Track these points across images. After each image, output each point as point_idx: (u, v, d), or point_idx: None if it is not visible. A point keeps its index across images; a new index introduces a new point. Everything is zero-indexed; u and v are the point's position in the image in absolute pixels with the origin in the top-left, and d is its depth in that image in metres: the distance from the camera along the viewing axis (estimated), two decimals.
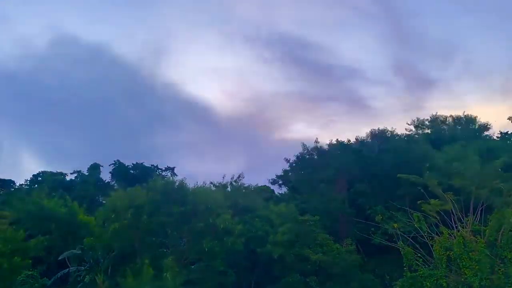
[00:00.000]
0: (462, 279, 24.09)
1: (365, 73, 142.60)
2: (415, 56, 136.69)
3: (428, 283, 24.73)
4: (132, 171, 68.19)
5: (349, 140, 56.32)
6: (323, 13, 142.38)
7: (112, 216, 33.93)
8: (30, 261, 35.17)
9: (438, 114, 65.09)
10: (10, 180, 70.70)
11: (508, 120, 44.94)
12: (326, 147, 56.17)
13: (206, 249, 32.42)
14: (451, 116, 64.04)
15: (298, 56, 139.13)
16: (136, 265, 31.05)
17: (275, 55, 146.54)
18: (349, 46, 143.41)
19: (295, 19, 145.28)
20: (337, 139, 55.81)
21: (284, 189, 63.35)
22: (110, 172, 68.82)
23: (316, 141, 56.38)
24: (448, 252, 25.36)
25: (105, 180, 68.75)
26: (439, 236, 26.97)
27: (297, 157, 56.87)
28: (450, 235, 26.71)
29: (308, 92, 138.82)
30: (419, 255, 27.15)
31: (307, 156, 56.46)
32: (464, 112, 62.95)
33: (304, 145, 56.42)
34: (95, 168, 69.51)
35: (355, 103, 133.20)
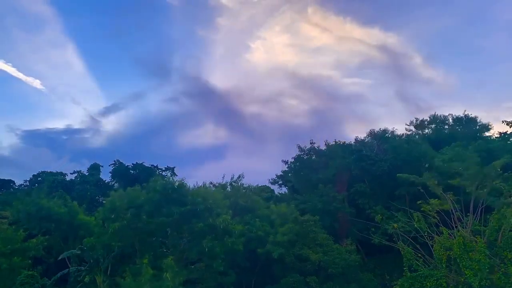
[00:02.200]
0: (462, 279, 24.08)
1: (370, 98, 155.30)
2: (414, 86, 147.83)
3: (428, 283, 24.72)
4: (132, 171, 68.11)
5: (343, 141, 56.21)
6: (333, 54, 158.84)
7: (112, 216, 33.94)
8: (30, 261, 35.19)
9: (437, 114, 65.20)
10: (10, 180, 70.86)
11: (502, 124, 45.21)
12: (323, 147, 56.29)
13: (206, 249, 32.43)
14: (450, 115, 64.25)
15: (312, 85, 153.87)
16: (136, 265, 31.05)
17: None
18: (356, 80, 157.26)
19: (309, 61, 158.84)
20: (337, 139, 55.88)
21: (284, 189, 63.51)
22: (110, 172, 68.81)
23: (312, 142, 56.51)
24: (448, 252, 25.32)
25: (105, 180, 68.76)
26: (439, 236, 26.96)
27: (295, 158, 56.95)
28: (450, 235, 26.67)
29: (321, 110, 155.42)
30: (419, 255, 27.13)
31: (305, 157, 56.52)
32: (465, 111, 63.03)
33: (299, 147, 56.54)
34: (95, 168, 69.50)
35: (360, 120, 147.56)
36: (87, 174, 68.21)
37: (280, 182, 62.34)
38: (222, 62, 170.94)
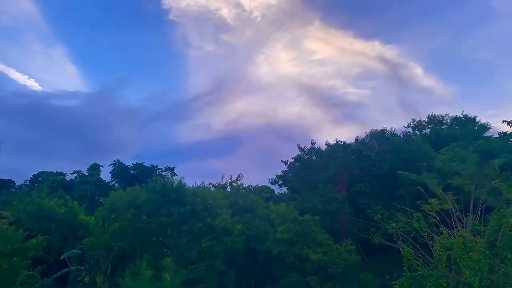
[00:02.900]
0: (462, 279, 24.07)
1: (371, 105, 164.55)
2: (414, 94, 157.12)
3: (428, 283, 24.70)
4: (132, 171, 68.03)
5: (337, 140, 56.21)
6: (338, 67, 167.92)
7: (113, 216, 33.99)
8: (30, 261, 35.16)
9: (435, 114, 65.30)
10: (10, 180, 70.67)
11: (503, 123, 45.48)
12: (323, 147, 56.32)
13: (206, 249, 32.45)
14: (448, 115, 64.39)
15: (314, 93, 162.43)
16: (136, 265, 31.06)
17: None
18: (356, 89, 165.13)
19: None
20: (336, 140, 55.91)
21: (284, 189, 63.46)
22: (110, 172, 68.74)
23: (312, 142, 56.52)
24: (448, 252, 25.34)
25: (105, 180, 68.68)
26: (439, 236, 26.99)
27: (295, 158, 56.94)
28: (450, 235, 26.71)
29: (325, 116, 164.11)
30: (419, 255, 27.12)
31: (305, 157, 56.51)
32: (463, 112, 63.14)
33: (299, 147, 56.52)
34: (95, 168, 69.42)
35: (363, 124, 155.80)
36: (87, 174, 68.17)
37: (280, 182, 62.29)
38: (228, 74, 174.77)
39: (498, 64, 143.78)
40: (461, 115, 62.77)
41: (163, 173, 67.93)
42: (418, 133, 63.72)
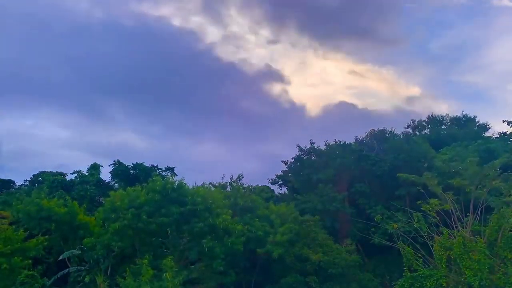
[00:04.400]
0: (462, 279, 24.11)
1: (374, 118, 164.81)
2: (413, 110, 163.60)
3: (428, 283, 24.74)
4: (132, 171, 67.90)
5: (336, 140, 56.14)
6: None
7: (113, 216, 33.97)
8: (30, 261, 35.13)
9: (435, 114, 65.42)
10: (10, 180, 70.55)
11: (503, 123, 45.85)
12: (323, 147, 56.28)
13: (206, 249, 32.44)
14: (447, 115, 64.58)
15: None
16: (136, 265, 31.06)
17: None
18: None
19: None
20: (335, 139, 55.88)
21: (284, 189, 63.42)
22: (110, 172, 68.63)
23: (312, 142, 56.50)
24: (448, 252, 25.39)
25: (105, 180, 68.58)
26: (439, 236, 27.02)
27: (295, 158, 56.93)
28: (450, 235, 26.75)
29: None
30: (419, 255, 27.16)
31: (305, 157, 56.50)
32: (463, 112, 63.24)
33: (299, 147, 56.52)
34: (95, 168, 69.33)
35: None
36: (87, 174, 68.07)
37: (280, 182, 62.19)
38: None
39: (489, 86, 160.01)
40: (461, 115, 62.93)
41: (163, 173, 67.81)
42: (418, 133, 63.79)
